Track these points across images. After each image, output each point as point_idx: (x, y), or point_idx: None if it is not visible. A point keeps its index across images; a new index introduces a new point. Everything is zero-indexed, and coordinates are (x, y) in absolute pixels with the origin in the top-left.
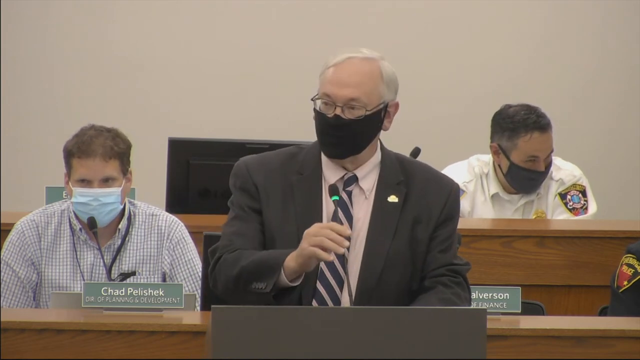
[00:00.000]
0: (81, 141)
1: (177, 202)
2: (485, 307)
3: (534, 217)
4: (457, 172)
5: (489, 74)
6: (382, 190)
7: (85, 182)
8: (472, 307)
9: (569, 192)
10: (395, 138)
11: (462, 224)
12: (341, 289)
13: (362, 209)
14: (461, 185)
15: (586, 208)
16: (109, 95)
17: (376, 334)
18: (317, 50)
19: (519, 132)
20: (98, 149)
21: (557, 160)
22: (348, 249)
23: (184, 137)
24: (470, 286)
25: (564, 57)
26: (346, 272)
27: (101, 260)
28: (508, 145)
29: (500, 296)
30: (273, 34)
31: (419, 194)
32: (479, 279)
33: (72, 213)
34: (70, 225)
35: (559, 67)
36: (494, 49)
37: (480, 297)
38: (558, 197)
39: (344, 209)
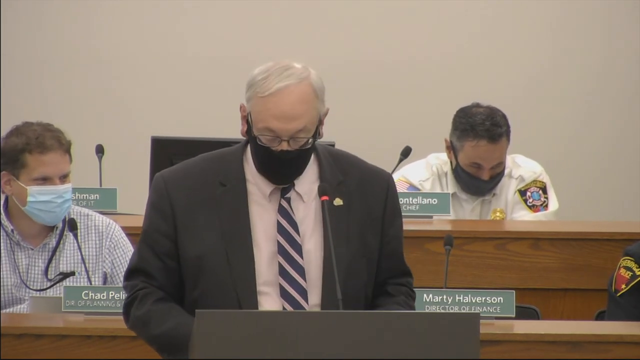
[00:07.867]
0: (33, 137)
1: None
2: (478, 312)
3: (492, 217)
4: (415, 170)
5: (485, 73)
6: (324, 193)
7: (44, 180)
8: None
9: (528, 188)
10: (388, 136)
11: (454, 226)
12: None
13: (301, 213)
14: (417, 184)
15: (546, 205)
16: (90, 95)
17: (366, 339)
18: (300, 48)
19: (467, 135)
20: (54, 143)
21: (517, 158)
22: (302, 256)
23: (167, 135)
24: (464, 290)
25: (563, 56)
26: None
27: (36, 261)
28: (457, 145)
29: (494, 300)
30: (255, 32)
31: (358, 195)
32: (472, 282)
33: (3, 215)
34: (3, 227)
35: (557, 66)
36: (490, 48)
37: (473, 301)
38: (518, 194)
39: (287, 218)
